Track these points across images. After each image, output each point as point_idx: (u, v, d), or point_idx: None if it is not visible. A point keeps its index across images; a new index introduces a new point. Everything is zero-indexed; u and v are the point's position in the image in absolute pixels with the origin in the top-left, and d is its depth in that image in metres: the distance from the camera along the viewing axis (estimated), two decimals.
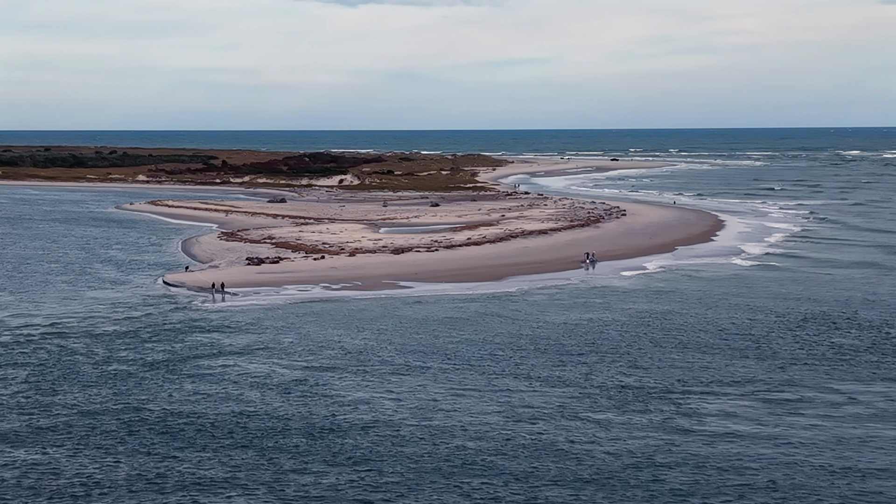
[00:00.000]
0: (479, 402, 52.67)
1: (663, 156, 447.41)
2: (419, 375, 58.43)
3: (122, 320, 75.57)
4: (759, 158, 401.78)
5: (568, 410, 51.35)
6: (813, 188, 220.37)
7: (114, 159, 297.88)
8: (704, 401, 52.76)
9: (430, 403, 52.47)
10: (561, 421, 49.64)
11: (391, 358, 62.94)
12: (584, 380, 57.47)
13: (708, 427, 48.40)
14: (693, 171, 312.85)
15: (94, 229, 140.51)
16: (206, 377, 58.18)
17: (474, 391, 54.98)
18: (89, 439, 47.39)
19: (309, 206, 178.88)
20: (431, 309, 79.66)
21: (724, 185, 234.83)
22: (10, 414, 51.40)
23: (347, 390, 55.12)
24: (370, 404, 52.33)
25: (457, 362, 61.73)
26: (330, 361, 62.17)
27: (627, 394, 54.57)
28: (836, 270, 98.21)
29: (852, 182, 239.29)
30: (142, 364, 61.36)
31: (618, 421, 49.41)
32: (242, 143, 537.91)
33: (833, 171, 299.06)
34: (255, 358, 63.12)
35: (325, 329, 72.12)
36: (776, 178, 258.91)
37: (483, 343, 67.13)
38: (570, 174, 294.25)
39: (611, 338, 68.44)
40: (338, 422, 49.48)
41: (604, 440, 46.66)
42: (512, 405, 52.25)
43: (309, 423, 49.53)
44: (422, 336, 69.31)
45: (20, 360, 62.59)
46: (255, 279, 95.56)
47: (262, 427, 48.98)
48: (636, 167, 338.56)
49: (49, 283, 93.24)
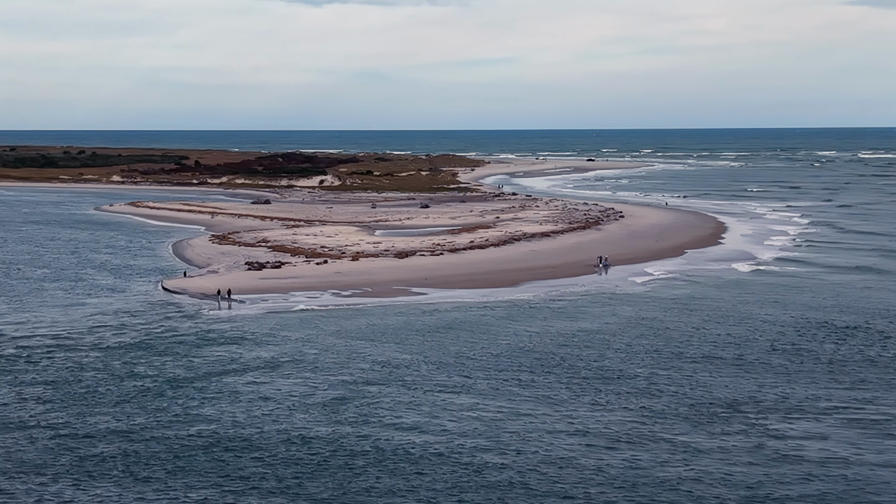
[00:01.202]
0: (546, 425, 49.00)
1: (639, 156, 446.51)
2: (469, 394, 54.73)
3: (129, 331, 71.43)
4: (735, 159, 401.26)
5: (647, 432, 47.58)
6: (797, 189, 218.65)
7: (84, 159, 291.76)
8: (788, 422, 49.35)
9: (496, 427, 48.70)
10: (647, 445, 45.82)
11: (431, 373, 59.22)
12: (646, 396, 54.05)
13: (806, 452, 44.78)
14: (672, 171, 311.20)
15: (79, 232, 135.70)
16: (241, 396, 54.19)
17: (536, 411, 51.32)
18: (137, 470, 43.19)
19: (294, 207, 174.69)
20: (453, 318, 76.09)
21: (708, 185, 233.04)
22: (42, 440, 47.18)
23: (400, 411, 51.31)
24: (432, 428, 48.45)
25: (503, 378, 58.14)
26: (366, 376, 58.40)
27: (701, 412, 51.08)
28: (853, 276, 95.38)
29: (834, 183, 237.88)
30: (166, 381, 57.28)
31: (709, 446, 45.76)
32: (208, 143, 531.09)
33: (811, 171, 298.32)
34: (284, 373, 59.23)
35: (349, 340, 68.35)
36: (757, 179, 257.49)
37: (521, 356, 63.62)
38: (550, 175, 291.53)
39: (656, 349, 65.11)
40: (405, 448, 45.57)
41: (705, 470, 42.69)
42: (583, 427, 48.59)
43: (375, 448, 45.54)
44: (455, 348, 65.68)
45: (34, 378, 58.31)
46: (260, 285, 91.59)
47: (325, 454, 44.95)
48: (613, 167, 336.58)
49: (45, 291, 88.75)
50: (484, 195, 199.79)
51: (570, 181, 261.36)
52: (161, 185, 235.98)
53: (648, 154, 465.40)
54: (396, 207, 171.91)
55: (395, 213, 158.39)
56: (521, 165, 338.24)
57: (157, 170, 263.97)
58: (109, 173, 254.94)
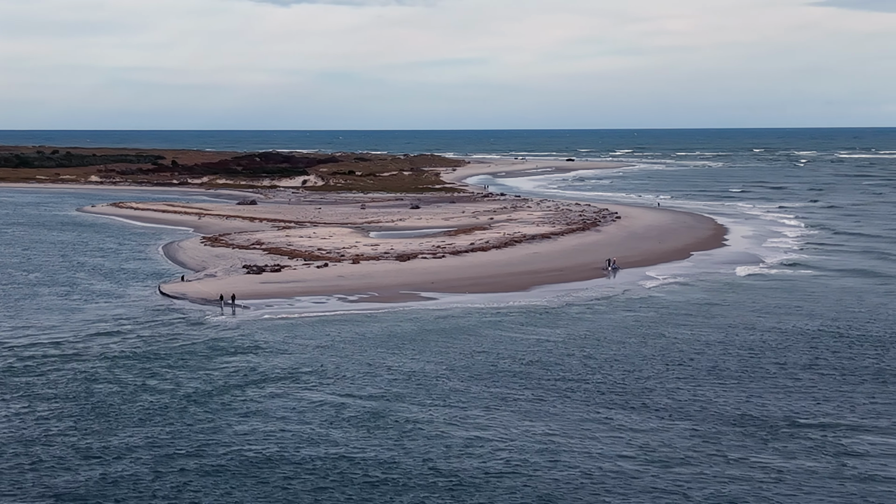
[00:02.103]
0: (602, 442, 46.28)
1: (616, 156, 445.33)
2: (509, 407, 51.91)
3: (135, 340, 68.25)
4: (713, 159, 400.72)
5: (716, 452, 44.68)
6: (782, 190, 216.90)
7: (59, 159, 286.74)
8: (856, 438, 46.84)
9: (547, 443, 45.98)
10: (720, 468, 42.88)
11: (463, 385, 56.39)
12: (698, 410, 51.48)
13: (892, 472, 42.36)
14: (652, 171, 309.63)
15: (65, 234, 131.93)
16: (269, 411, 51.17)
17: (588, 426, 48.57)
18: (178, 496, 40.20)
19: (281, 208, 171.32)
20: (469, 324, 73.42)
21: (693, 186, 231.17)
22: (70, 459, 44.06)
23: (443, 427, 48.41)
24: (481, 445, 45.61)
25: (541, 389, 55.41)
26: (395, 389, 55.54)
27: (762, 428, 48.39)
28: (867, 281, 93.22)
29: (816, 183, 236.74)
30: (185, 396, 54.15)
31: (787, 466, 43.11)
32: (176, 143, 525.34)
33: (792, 171, 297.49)
34: (308, 385, 56.29)
35: (366, 349, 65.50)
36: (740, 179, 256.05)
37: (553, 365, 60.97)
38: (532, 175, 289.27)
39: (692, 359, 62.55)
40: (456, 468, 42.77)
41: (794, 497, 40.05)
42: (643, 445, 45.78)
43: (426, 468, 42.79)
44: (481, 357, 62.96)
45: (46, 392, 55.04)
46: (262, 290, 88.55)
47: (378, 476, 42.16)
48: (593, 167, 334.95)
49: (39, 297, 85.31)
50: (472, 195, 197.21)
51: (554, 181, 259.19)
52: (140, 185, 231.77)
53: (626, 154, 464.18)
54: (386, 208, 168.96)
55: (386, 215, 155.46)
56: (502, 165, 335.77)
57: (135, 170, 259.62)
58: (86, 173, 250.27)
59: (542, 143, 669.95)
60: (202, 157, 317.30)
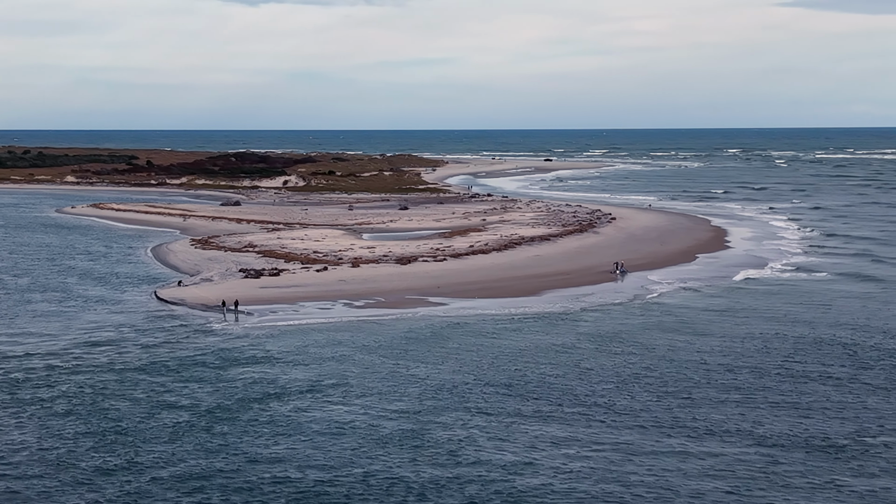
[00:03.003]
0: (670, 462, 43.19)
1: (593, 156, 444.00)
2: (552, 425, 48.77)
3: (139, 350, 64.92)
4: (691, 159, 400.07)
5: (792, 473, 41.78)
6: (765, 191, 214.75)
7: (32, 159, 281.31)
8: None
9: (609, 463, 43.01)
10: (801, 490, 40.27)
11: (498, 399, 53.44)
12: (755, 423, 48.74)
13: None
14: (633, 171, 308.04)
15: (48, 236, 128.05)
16: (301, 430, 47.99)
17: (645, 443, 45.51)
18: None
19: (267, 209, 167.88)
20: (487, 331, 70.62)
21: (676, 187, 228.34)
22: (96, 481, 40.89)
23: (489, 446, 45.38)
24: (536, 469, 42.42)
25: (582, 406, 52.40)
26: (428, 403, 52.56)
27: (828, 444, 45.74)
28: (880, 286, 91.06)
29: (797, 183, 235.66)
30: (207, 413, 50.88)
31: (861, 487, 40.62)
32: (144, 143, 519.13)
33: (773, 172, 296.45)
34: (335, 400, 53.21)
35: (387, 358, 62.57)
36: (723, 180, 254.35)
37: (589, 377, 58.17)
38: (513, 175, 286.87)
39: (732, 368, 59.87)
40: (517, 495, 39.86)
41: None
42: (718, 465, 42.69)
43: (487, 493, 39.80)
44: (510, 368, 60.11)
45: (55, 408, 51.61)
46: (262, 295, 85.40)
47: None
48: (573, 168, 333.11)
49: (33, 304, 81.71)
50: (458, 196, 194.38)
51: (536, 182, 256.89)
52: (118, 185, 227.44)
53: (602, 155, 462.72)
54: (374, 209, 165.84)
55: (376, 216, 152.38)
56: (481, 166, 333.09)
57: (110, 170, 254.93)
58: (61, 174, 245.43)
59: (514, 143, 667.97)
60: (176, 158, 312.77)
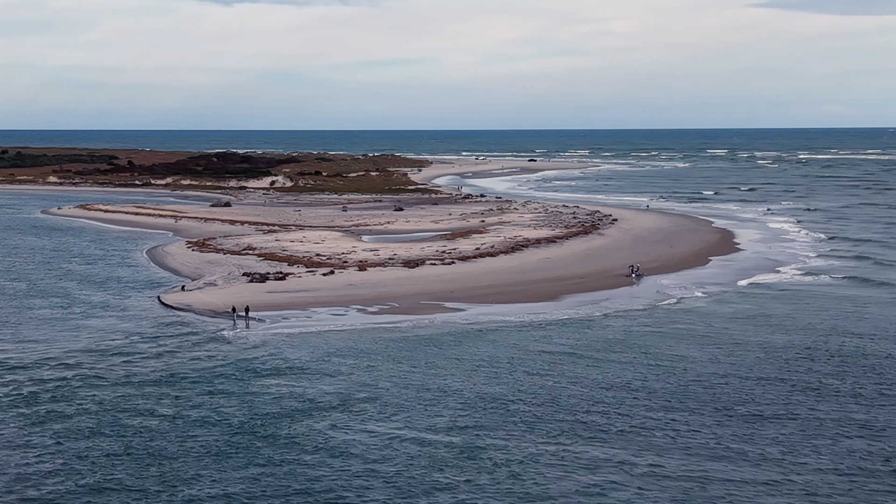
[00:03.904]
0: (753, 488, 40.55)
1: (576, 157, 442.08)
2: (613, 446, 45.56)
3: (154, 360, 61.64)
4: (674, 159, 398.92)
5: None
6: (759, 191, 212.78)
7: (11, 160, 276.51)
8: None
9: (685, 489, 40.08)
10: None
11: (547, 413, 50.33)
12: (834, 440, 45.82)
13: None
14: (621, 172, 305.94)
15: (40, 239, 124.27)
16: (342, 449, 44.78)
17: (724, 468, 42.37)
18: None
19: (259, 210, 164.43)
20: (514, 340, 67.72)
21: (666, 187, 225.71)
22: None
23: (547, 469, 42.20)
24: (609, 492, 39.58)
25: (636, 419, 49.44)
26: (471, 418, 49.43)
27: None
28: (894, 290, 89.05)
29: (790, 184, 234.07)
30: (238, 430, 47.57)
31: None
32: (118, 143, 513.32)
33: (762, 173, 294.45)
34: (370, 415, 49.98)
35: (414, 369, 59.58)
36: (712, 180, 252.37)
37: (637, 388, 55.30)
38: (500, 176, 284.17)
39: (785, 379, 57.03)
40: None
41: None
42: (810, 490, 40.06)
43: None
44: (546, 378, 57.23)
45: (72, 427, 48.11)
46: (271, 300, 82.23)
47: None
48: (558, 168, 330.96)
49: (35, 310, 78.17)
50: (450, 197, 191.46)
51: (525, 182, 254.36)
52: (102, 186, 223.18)
53: (585, 155, 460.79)
54: (369, 210, 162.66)
55: (371, 217, 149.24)
56: (466, 166, 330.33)
57: (92, 170, 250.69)
58: (43, 174, 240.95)
59: (492, 143, 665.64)
60: (157, 158, 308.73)
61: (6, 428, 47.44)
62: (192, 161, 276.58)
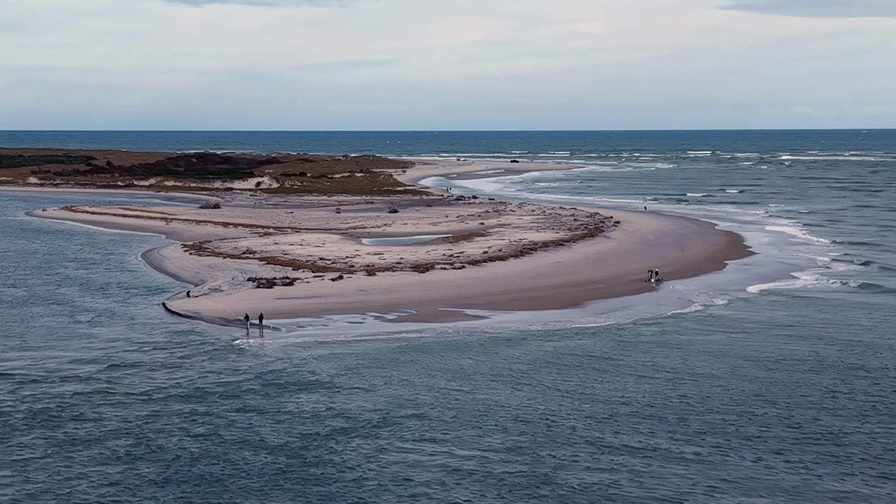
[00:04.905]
0: None
1: (557, 158, 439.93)
2: (691, 465, 42.60)
3: (173, 372, 58.03)
4: (656, 160, 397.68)
5: None
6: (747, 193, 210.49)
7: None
8: None
9: None
10: None
11: (609, 433, 46.86)
12: None
13: None
14: (606, 173, 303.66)
15: (30, 242, 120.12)
16: (398, 475, 41.18)
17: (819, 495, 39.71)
18: None
19: (250, 212, 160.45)
20: (545, 349, 64.65)
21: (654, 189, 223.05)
22: None
23: (633, 495, 39.14)
24: None
25: (705, 438, 46.28)
26: (526, 439, 46.02)
27: None
28: None
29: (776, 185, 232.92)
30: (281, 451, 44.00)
31: None
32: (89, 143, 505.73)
33: (746, 174, 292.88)
34: (418, 435, 46.50)
35: (450, 382, 56.35)
36: (699, 182, 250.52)
37: (697, 403, 52.23)
38: (486, 177, 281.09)
39: (850, 392, 54.32)
40: None
41: None
42: None
43: None
44: (597, 392, 54.04)
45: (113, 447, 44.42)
46: (282, 307, 78.72)
47: None
48: (542, 169, 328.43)
49: (38, 319, 74.31)
50: (442, 199, 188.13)
51: (512, 183, 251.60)
52: (84, 187, 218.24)
53: (567, 156, 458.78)
54: (363, 212, 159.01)
55: (367, 219, 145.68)
56: (450, 167, 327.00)
57: (72, 171, 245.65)
58: (21, 175, 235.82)
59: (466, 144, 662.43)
60: (134, 158, 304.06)
61: (30, 453, 43.67)
62: (172, 162, 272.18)
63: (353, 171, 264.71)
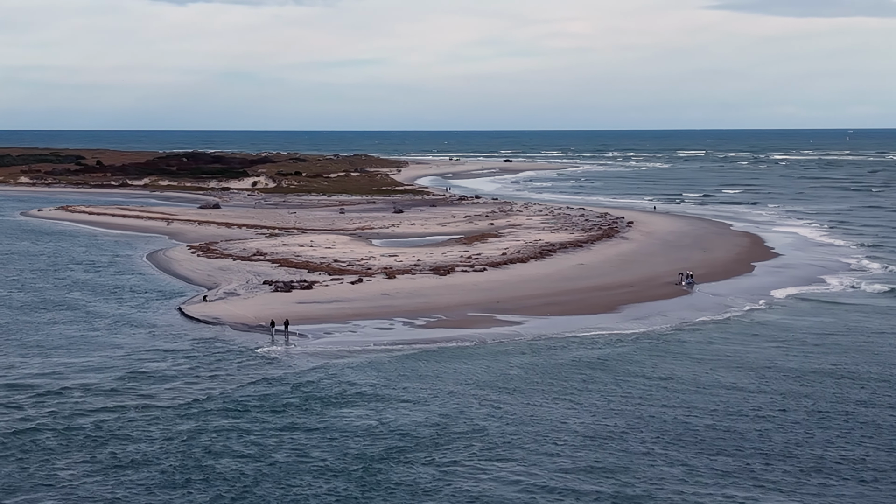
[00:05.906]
0: None
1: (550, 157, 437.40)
2: (776, 491, 39.55)
3: (206, 385, 54.60)
4: (650, 159, 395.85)
5: None
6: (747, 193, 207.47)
7: None
8: None
9: None
10: None
11: (682, 455, 43.42)
12: None
13: None
14: (602, 173, 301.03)
15: (33, 244, 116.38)
16: (474, 499, 38.14)
17: None
18: None
19: (251, 212, 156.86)
20: (591, 356, 61.66)
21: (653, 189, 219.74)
22: None
23: None
24: None
25: (787, 463, 43.15)
26: (603, 460, 42.77)
27: None
28: None
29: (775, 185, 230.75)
30: (339, 475, 40.58)
31: None
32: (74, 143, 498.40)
33: (744, 173, 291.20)
34: (484, 455, 43.17)
35: (503, 395, 53.16)
36: (698, 181, 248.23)
37: (768, 420, 49.12)
38: (482, 177, 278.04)
39: None
40: None
41: None
42: None
43: None
44: (664, 408, 50.85)
45: (167, 472, 40.76)
46: (304, 312, 75.30)
47: None
48: (537, 169, 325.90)
49: (53, 326, 70.52)
50: (444, 199, 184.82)
51: (510, 183, 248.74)
52: (77, 187, 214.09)
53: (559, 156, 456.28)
54: (367, 213, 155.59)
55: (373, 220, 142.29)
56: (444, 167, 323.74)
57: (63, 170, 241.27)
58: (12, 174, 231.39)
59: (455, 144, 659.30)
60: (124, 157, 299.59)
61: (76, 477, 40.01)
62: (163, 161, 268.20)
63: (348, 170, 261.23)
